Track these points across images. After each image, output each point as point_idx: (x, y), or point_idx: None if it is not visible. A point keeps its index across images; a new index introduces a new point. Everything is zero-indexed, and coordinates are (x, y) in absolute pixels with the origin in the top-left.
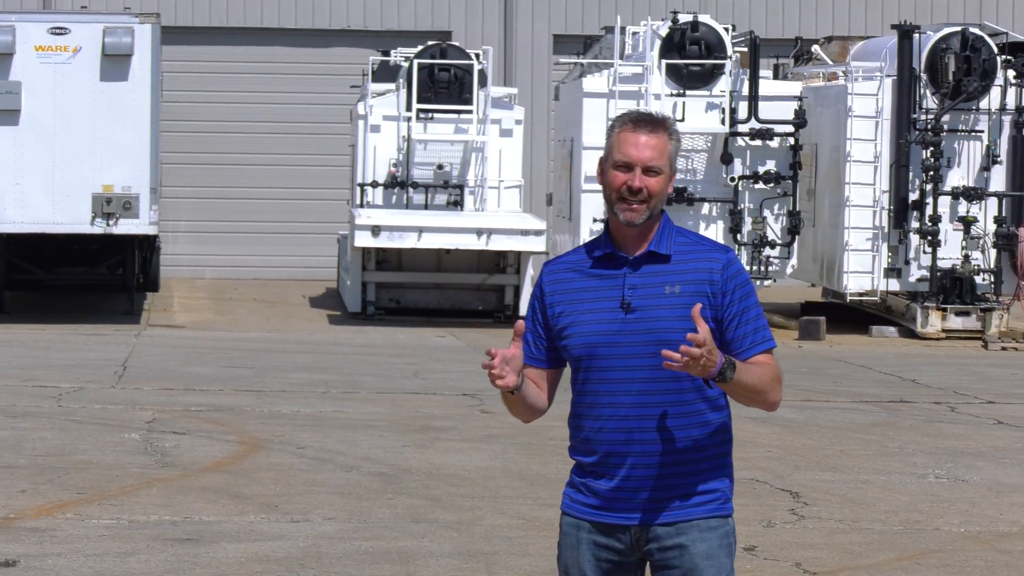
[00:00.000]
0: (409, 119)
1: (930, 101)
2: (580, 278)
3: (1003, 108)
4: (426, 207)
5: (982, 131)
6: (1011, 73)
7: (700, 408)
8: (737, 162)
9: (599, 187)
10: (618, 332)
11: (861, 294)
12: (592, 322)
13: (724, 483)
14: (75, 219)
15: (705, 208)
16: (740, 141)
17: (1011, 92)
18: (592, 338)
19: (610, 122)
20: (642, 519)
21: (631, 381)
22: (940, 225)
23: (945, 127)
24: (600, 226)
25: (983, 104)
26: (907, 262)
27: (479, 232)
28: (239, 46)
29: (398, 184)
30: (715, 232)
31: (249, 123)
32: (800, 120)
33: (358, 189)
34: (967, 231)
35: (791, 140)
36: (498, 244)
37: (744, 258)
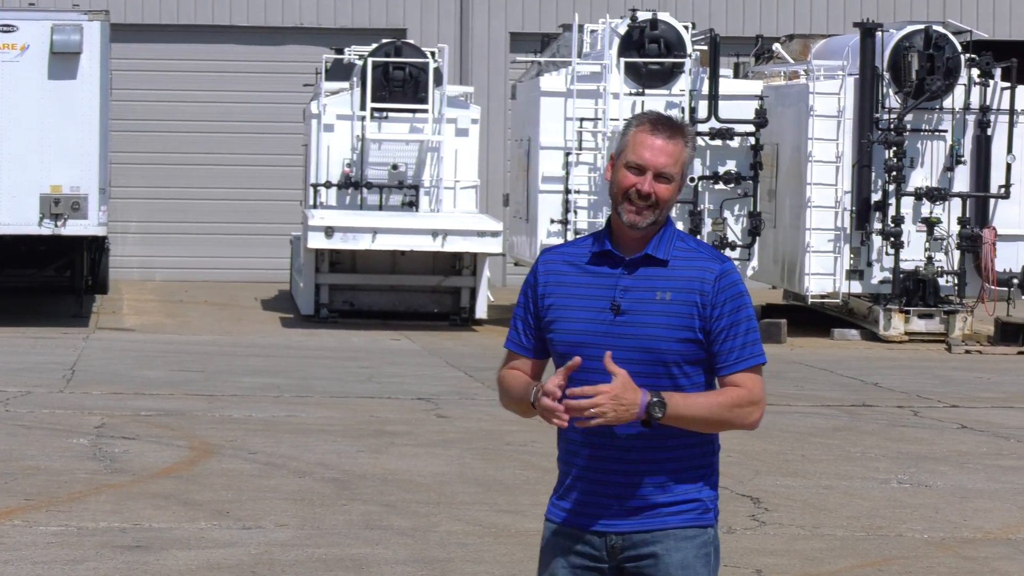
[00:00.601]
0: (363, 118)
1: (893, 100)
2: (575, 272)
3: (967, 107)
4: (380, 208)
5: (945, 131)
6: (975, 72)
7: None
8: (697, 162)
9: (556, 188)
10: (605, 334)
11: (823, 296)
12: (580, 320)
13: (705, 492)
14: (22, 220)
15: None
16: (700, 141)
17: (975, 91)
18: (578, 336)
19: (627, 119)
20: (618, 526)
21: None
22: (903, 226)
23: (908, 127)
24: (557, 226)
25: (947, 103)
26: (869, 264)
27: (434, 233)
28: (190, 44)
29: (352, 184)
30: None
31: (200, 122)
32: (761, 120)
33: (311, 189)
34: (930, 232)
35: (752, 140)
36: (454, 246)
37: None
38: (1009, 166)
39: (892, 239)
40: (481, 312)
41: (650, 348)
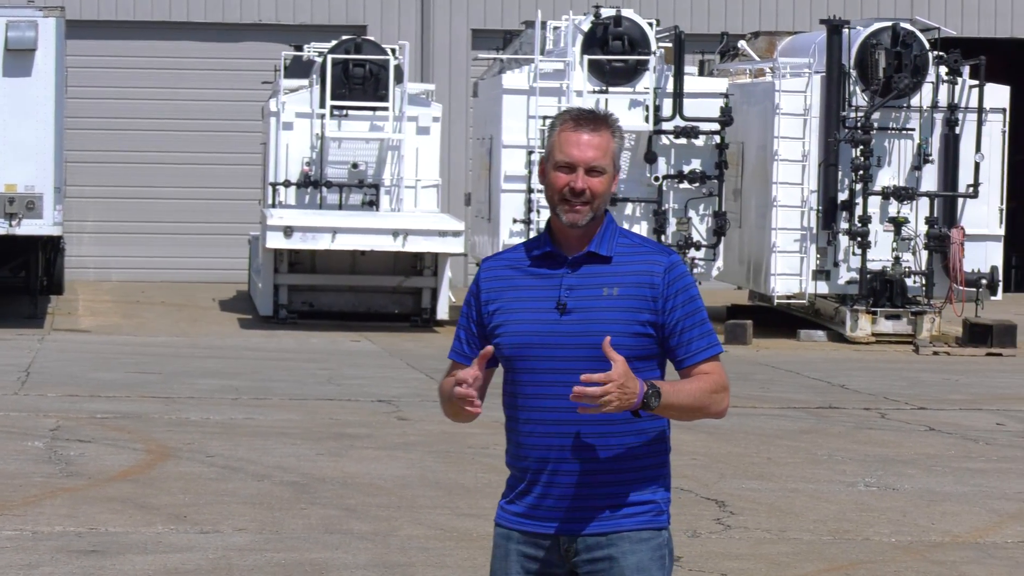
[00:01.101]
0: (323, 116)
1: (860, 98)
2: (518, 276)
3: (935, 106)
4: (340, 207)
5: (913, 129)
6: (943, 69)
7: (633, 417)
8: (661, 161)
9: (519, 187)
10: (552, 333)
11: (789, 297)
12: (525, 321)
13: (660, 494)
14: None
15: (628, 208)
16: (664, 139)
17: (943, 89)
18: (524, 338)
19: (551, 120)
20: (571, 529)
21: (564, 385)
22: (870, 226)
23: (875, 125)
24: (520, 226)
25: (914, 101)
26: (836, 264)
27: (395, 233)
28: (146, 40)
29: (311, 183)
30: (638, 233)
31: (157, 120)
32: (726, 118)
33: (270, 188)
34: (898, 232)
35: (717, 138)
36: (415, 245)
37: None
38: (977, 165)
39: (859, 239)
40: (442, 313)
41: (599, 344)
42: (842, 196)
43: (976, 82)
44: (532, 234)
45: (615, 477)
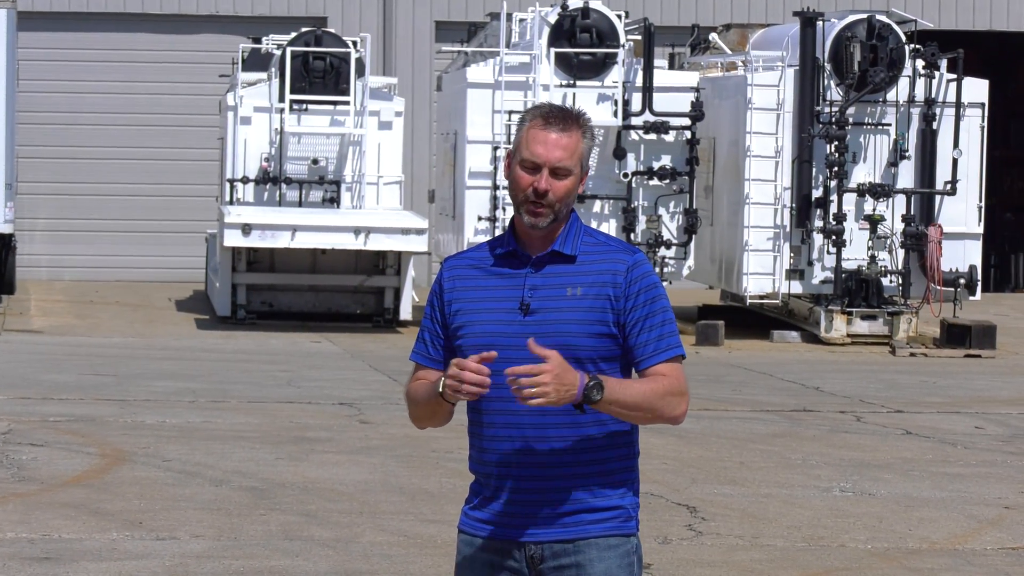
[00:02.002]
0: (282, 111)
1: (835, 93)
2: (481, 276)
3: (911, 100)
4: (300, 204)
5: (889, 124)
6: (920, 63)
7: (602, 418)
8: (630, 157)
9: (484, 184)
10: (515, 334)
11: (762, 297)
12: (488, 322)
13: (627, 499)
14: None
15: (597, 206)
16: (634, 135)
17: (920, 83)
18: (487, 339)
19: (520, 114)
20: (537, 535)
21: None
22: (845, 224)
23: (850, 120)
24: (485, 224)
25: (891, 96)
26: (810, 263)
27: (357, 231)
28: (100, 32)
29: (270, 180)
30: (607, 231)
31: (111, 115)
32: (697, 113)
33: (227, 185)
34: (874, 230)
35: (688, 134)
36: (377, 244)
37: None
38: (955, 161)
39: (834, 237)
40: (405, 313)
41: (564, 345)
42: (816, 193)
43: (954, 76)
44: (498, 232)
45: (581, 482)
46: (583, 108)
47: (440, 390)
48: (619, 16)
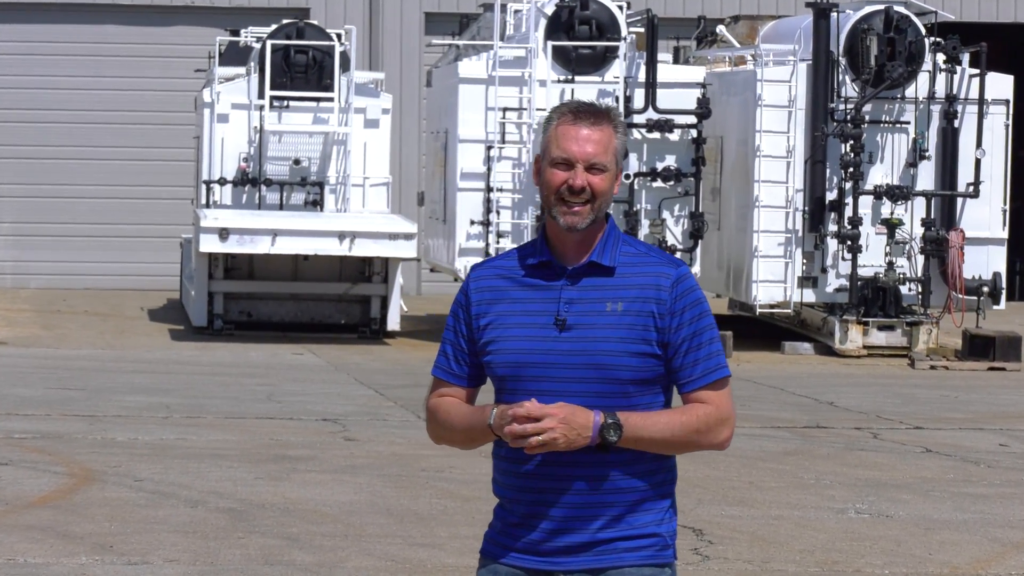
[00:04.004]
0: (261, 107)
1: (850, 88)
2: (512, 287)
3: (931, 97)
4: (281, 207)
5: (908, 123)
6: (940, 57)
7: None
8: (633, 157)
9: (477, 185)
10: (550, 351)
11: (772, 306)
12: (521, 338)
13: (664, 527)
14: None
15: None
16: (636, 133)
17: (940, 78)
18: (520, 356)
19: (547, 113)
20: (567, 564)
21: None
22: (861, 228)
23: (866, 118)
24: (478, 228)
25: (909, 92)
26: (824, 270)
27: (341, 236)
28: (67, 24)
29: (249, 181)
30: None
31: (79, 112)
32: (704, 110)
33: (203, 187)
34: (891, 235)
35: (693, 132)
36: (363, 249)
37: None
38: (978, 161)
39: (849, 243)
40: (393, 324)
41: (601, 365)
42: (830, 196)
43: (977, 71)
44: (491, 238)
45: (616, 510)
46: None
47: (491, 422)
48: (620, 7)
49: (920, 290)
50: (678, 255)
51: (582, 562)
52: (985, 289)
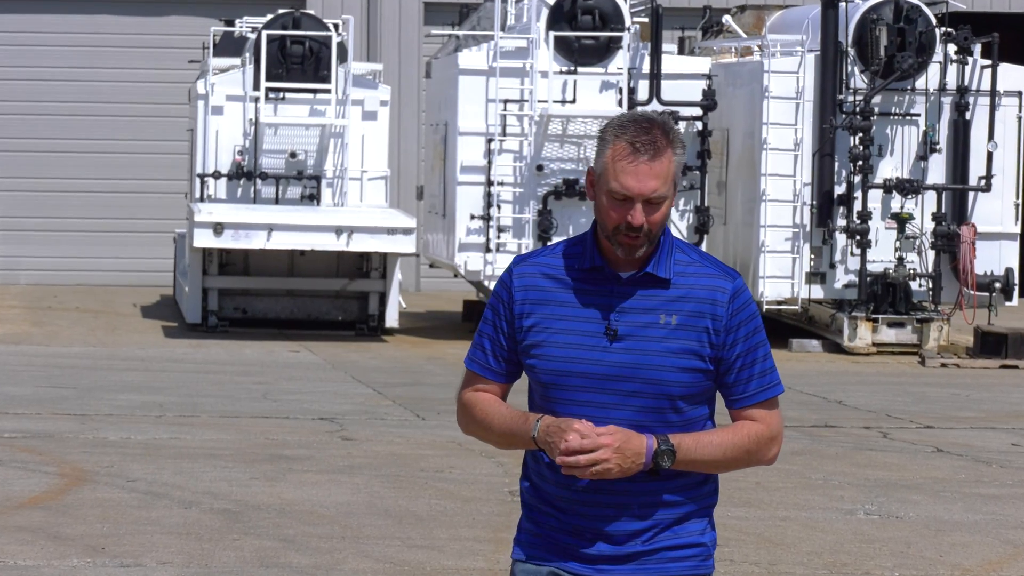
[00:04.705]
0: (257, 100)
1: (859, 80)
2: (559, 289)
3: (942, 88)
4: (277, 202)
5: (918, 115)
6: (951, 48)
7: None
8: None
9: (477, 179)
10: (599, 362)
11: (779, 302)
12: (569, 345)
13: (707, 535)
14: None
15: None
16: None
17: (951, 70)
18: (567, 364)
19: (601, 130)
20: (610, 572)
21: (609, 422)
22: (870, 223)
23: (876, 110)
24: (479, 223)
25: (919, 84)
26: (832, 266)
27: (338, 231)
28: (58, 14)
29: (244, 175)
30: None
31: (70, 104)
32: (709, 102)
33: (197, 181)
34: (901, 230)
35: (699, 125)
36: (361, 244)
37: None
38: (990, 155)
39: (858, 237)
40: (392, 320)
41: (653, 380)
42: (839, 189)
43: (988, 62)
44: (492, 232)
45: (664, 519)
46: (670, 119)
47: (535, 435)
48: None
49: (931, 286)
50: None
51: (624, 571)
52: (997, 285)
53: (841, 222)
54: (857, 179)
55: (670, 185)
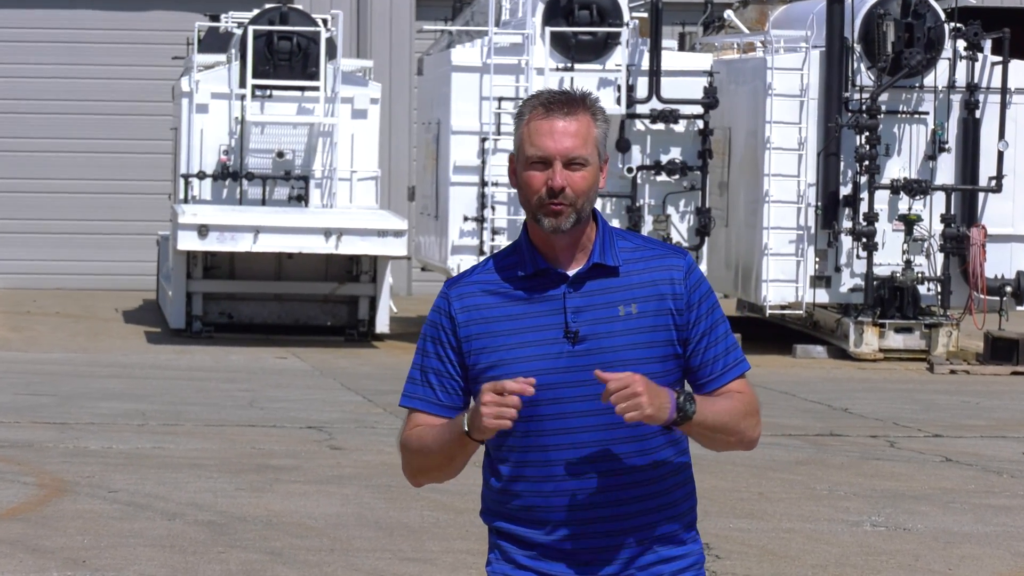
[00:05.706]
0: (243, 97)
1: (865, 77)
2: (504, 303)
3: (951, 86)
4: (264, 203)
5: (927, 113)
6: (961, 44)
7: (667, 456)
8: (636, 149)
9: (471, 179)
10: (566, 369)
11: (783, 307)
12: (531, 358)
13: (697, 544)
14: None
15: (598, 204)
16: (639, 124)
17: (961, 66)
18: (535, 377)
19: (517, 108)
20: None
21: (586, 429)
22: (877, 225)
23: (883, 108)
24: (472, 225)
25: (928, 81)
26: (838, 269)
27: (327, 233)
28: (39, 9)
29: (230, 175)
30: None
31: (49, 101)
32: (710, 100)
33: (182, 181)
34: (909, 232)
35: (700, 123)
36: (350, 247)
37: None
38: (1001, 154)
39: (864, 240)
40: (382, 326)
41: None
42: (845, 190)
43: (999, 58)
44: (486, 234)
45: (652, 531)
46: (591, 91)
47: (466, 428)
48: None
49: (939, 290)
50: None
51: None
52: (1008, 289)
53: (847, 224)
54: (863, 179)
55: (592, 150)
